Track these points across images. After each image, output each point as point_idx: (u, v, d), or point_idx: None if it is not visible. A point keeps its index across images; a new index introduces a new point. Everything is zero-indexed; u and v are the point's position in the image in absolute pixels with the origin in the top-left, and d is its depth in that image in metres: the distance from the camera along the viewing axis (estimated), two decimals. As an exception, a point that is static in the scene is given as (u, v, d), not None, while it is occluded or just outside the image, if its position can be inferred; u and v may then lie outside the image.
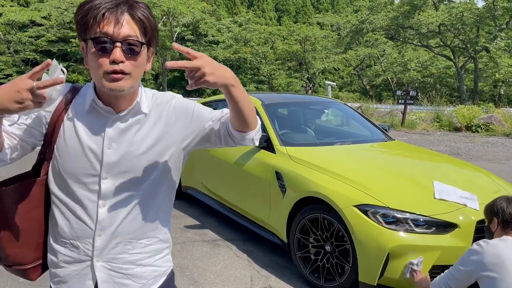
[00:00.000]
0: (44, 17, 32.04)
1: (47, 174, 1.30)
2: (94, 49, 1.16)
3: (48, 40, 31.99)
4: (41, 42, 31.81)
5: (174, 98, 1.38)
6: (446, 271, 2.24)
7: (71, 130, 1.26)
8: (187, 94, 37.72)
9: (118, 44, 1.15)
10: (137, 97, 1.29)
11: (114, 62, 1.15)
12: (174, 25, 33.67)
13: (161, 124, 1.32)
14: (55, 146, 1.27)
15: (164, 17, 33.44)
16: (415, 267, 2.70)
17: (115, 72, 1.16)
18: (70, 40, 31.56)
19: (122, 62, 1.15)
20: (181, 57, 36.01)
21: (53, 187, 1.29)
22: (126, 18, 1.17)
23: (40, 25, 31.99)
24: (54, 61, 1.06)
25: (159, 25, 33.59)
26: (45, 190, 1.30)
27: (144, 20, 1.20)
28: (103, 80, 1.17)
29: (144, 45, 1.21)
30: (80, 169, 1.25)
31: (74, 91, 1.32)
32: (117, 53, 1.14)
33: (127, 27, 1.16)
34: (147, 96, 1.34)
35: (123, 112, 1.27)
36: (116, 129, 1.26)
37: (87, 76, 34.18)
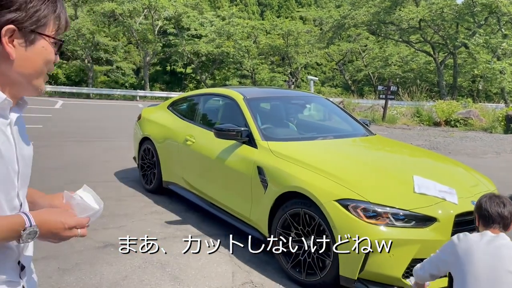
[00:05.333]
0: None
1: None
2: None
3: None
4: None
5: None
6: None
7: None
8: (169, 88, 37.36)
9: None
10: None
11: None
12: (156, 18, 33.24)
13: None
14: None
15: (146, 10, 32.95)
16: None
17: None
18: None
19: None
20: (163, 49, 35.60)
21: None
22: None
23: None
24: (86, 190, 1.10)
25: (140, 18, 33.09)
26: None
27: None
28: None
29: None
30: None
31: None
32: None
33: None
34: None
35: None
36: None
37: (66, 70, 33.49)
